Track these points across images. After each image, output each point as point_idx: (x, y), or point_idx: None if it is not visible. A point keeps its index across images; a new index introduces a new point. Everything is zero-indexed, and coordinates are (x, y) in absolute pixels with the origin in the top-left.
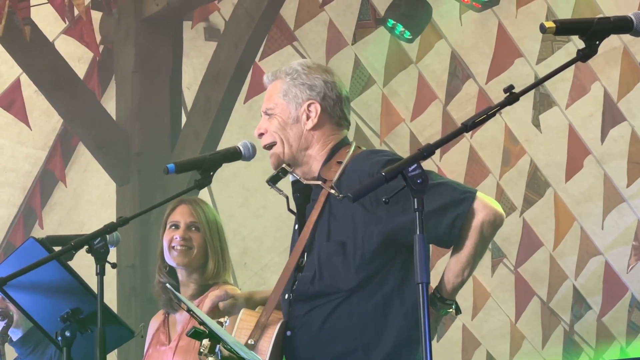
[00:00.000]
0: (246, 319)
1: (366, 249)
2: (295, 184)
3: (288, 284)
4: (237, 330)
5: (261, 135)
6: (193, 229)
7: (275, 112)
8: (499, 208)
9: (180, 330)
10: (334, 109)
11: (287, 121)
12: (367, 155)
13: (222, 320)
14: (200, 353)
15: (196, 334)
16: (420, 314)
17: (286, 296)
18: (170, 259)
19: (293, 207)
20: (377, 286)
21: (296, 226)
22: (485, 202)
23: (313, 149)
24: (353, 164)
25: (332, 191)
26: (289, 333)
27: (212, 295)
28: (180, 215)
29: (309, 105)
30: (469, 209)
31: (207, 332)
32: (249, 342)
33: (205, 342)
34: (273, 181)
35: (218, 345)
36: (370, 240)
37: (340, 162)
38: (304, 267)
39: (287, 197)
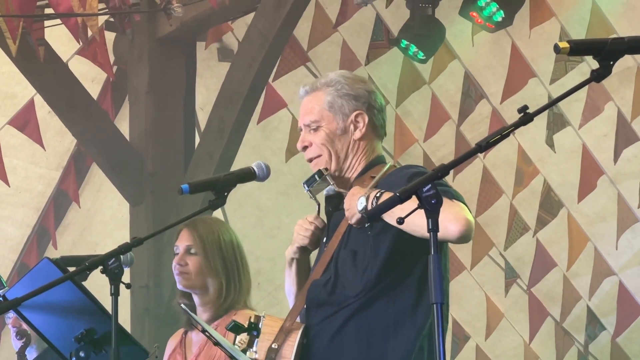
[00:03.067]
0: (269, 324)
1: (375, 255)
2: (329, 198)
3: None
4: (261, 334)
5: (305, 148)
6: (191, 252)
7: (321, 124)
8: (468, 229)
9: (197, 351)
10: (377, 119)
11: (335, 132)
12: (399, 170)
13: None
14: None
15: (235, 328)
16: (434, 335)
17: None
18: (177, 283)
19: (323, 215)
20: (389, 303)
21: (324, 239)
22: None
23: (355, 159)
24: (386, 179)
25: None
26: (305, 341)
27: None
28: (180, 240)
29: (356, 116)
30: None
31: (246, 327)
32: (273, 345)
33: (244, 336)
34: (308, 183)
35: (256, 340)
36: (379, 247)
37: (373, 177)
38: (323, 274)
39: (319, 204)
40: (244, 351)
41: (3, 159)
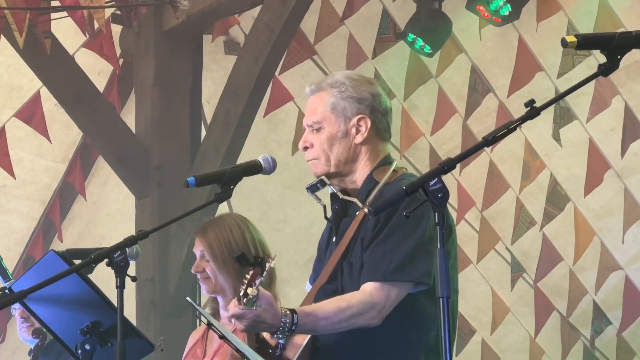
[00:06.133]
0: None
1: (360, 271)
2: (335, 196)
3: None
4: None
5: (306, 148)
6: (205, 259)
7: (323, 125)
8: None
9: (218, 345)
10: (381, 122)
11: (336, 135)
12: (397, 182)
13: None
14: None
15: (241, 258)
16: (440, 329)
17: None
18: (202, 290)
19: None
20: (392, 313)
21: (334, 238)
22: (390, 300)
23: (360, 163)
24: (389, 190)
25: (366, 210)
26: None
27: None
28: (195, 246)
29: (359, 120)
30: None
31: (252, 261)
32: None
33: (248, 270)
34: (312, 190)
35: (259, 278)
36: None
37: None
38: (330, 279)
39: (324, 206)
40: (246, 289)
41: (9, 151)
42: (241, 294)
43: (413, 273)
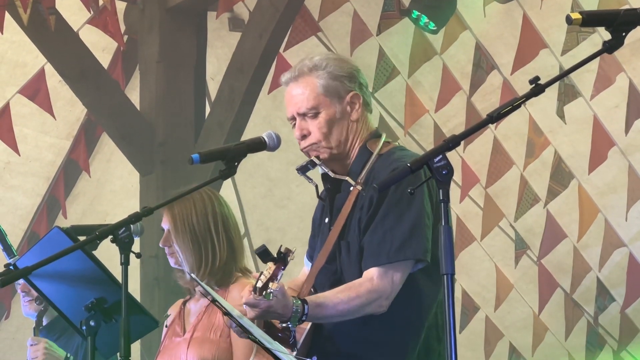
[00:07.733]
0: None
1: (359, 252)
2: (326, 176)
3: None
4: None
5: (304, 137)
6: (171, 233)
7: (319, 110)
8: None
9: (195, 320)
10: (367, 95)
11: (334, 117)
12: (390, 163)
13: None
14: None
15: (263, 254)
16: (445, 305)
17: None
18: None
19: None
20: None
21: (327, 219)
22: (394, 283)
23: (354, 141)
24: (381, 164)
25: (359, 187)
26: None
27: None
28: (163, 220)
29: (352, 97)
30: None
31: (274, 255)
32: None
33: (270, 265)
34: (302, 170)
35: (281, 272)
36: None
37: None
38: (329, 259)
39: (316, 185)
40: (267, 282)
41: (13, 128)
42: (259, 285)
43: (416, 249)
